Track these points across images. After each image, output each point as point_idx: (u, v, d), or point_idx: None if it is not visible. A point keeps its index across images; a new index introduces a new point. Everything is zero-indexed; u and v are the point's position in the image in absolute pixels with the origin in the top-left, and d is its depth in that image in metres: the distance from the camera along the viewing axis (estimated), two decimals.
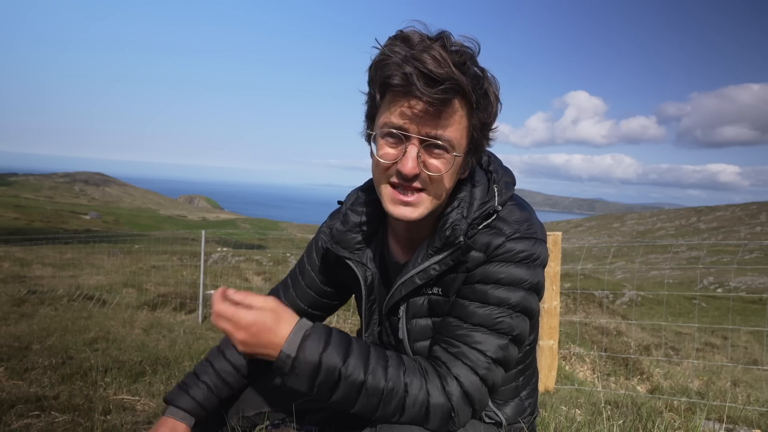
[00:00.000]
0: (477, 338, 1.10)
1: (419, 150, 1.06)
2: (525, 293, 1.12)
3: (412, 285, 1.18)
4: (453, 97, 1.02)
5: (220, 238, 20.80)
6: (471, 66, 1.04)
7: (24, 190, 77.14)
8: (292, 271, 1.50)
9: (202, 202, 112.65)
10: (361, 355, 1.07)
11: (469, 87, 1.03)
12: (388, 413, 1.06)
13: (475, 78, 1.05)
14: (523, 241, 1.12)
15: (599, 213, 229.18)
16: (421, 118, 1.03)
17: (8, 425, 1.96)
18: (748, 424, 2.60)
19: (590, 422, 1.99)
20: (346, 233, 1.30)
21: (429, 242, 1.17)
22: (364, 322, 1.36)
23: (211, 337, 4.57)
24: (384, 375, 1.05)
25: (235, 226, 62.03)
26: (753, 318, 13.51)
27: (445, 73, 0.98)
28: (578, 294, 8.27)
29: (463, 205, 1.16)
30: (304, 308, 1.45)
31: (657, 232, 57.66)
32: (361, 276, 1.29)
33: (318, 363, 1.02)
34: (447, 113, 1.04)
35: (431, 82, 0.99)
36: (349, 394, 1.05)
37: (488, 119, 1.11)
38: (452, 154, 1.07)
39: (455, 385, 1.07)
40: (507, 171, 1.24)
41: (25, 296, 6.60)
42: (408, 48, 1.00)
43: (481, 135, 1.12)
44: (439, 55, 0.98)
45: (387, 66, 1.01)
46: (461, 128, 1.08)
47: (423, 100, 1.00)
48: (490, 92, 1.09)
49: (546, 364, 3.32)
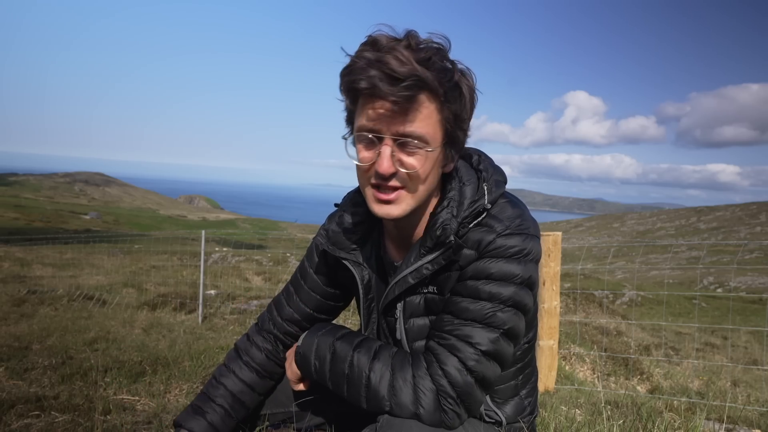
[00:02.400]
0: (467, 332, 1.12)
1: (393, 149, 1.08)
2: (517, 288, 1.13)
3: (406, 284, 1.21)
4: (418, 93, 1.04)
5: (220, 238, 20.79)
6: (437, 60, 1.06)
7: (24, 190, 77.13)
8: (293, 277, 1.51)
9: (202, 202, 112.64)
10: (349, 343, 1.20)
11: (434, 81, 1.04)
12: (364, 395, 1.15)
13: (442, 71, 1.06)
14: (514, 237, 1.13)
15: (599, 213, 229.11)
16: (390, 117, 1.05)
17: (8, 425, 1.96)
18: (748, 424, 2.60)
19: (590, 422, 2.00)
20: (341, 234, 1.32)
21: (421, 242, 1.19)
22: (362, 322, 1.38)
23: (210, 337, 4.57)
24: (353, 356, 1.17)
25: (235, 226, 62.04)
26: (753, 318, 13.51)
27: (407, 70, 1.01)
28: (578, 294, 8.27)
29: (453, 204, 1.18)
30: (309, 312, 1.45)
31: (657, 232, 57.66)
32: (358, 276, 1.31)
33: (316, 345, 1.23)
34: (414, 109, 1.05)
35: (394, 81, 1.01)
36: (336, 372, 1.19)
37: (461, 111, 1.12)
38: (425, 149, 1.09)
39: (441, 373, 1.10)
40: (497, 169, 1.25)
41: (25, 296, 6.60)
42: (374, 51, 1.03)
43: (456, 127, 1.12)
44: (401, 55, 1.01)
45: (353, 71, 1.04)
46: (432, 122, 1.09)
47: (389, 100, 1.03)
48: (462, 84, 1.10)
49: (546, 364, 3.32)
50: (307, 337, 1.28)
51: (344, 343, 1.20)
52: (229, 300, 6.72)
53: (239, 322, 5.57)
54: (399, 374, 1.11)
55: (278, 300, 1.50)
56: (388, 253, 1.32)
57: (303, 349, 1.26)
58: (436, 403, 1.09)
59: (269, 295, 7.41)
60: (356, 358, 1.16)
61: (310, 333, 1.29)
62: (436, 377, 1.10)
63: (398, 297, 1.24)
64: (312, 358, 1.23)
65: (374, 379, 1.12)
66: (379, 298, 1.32)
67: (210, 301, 6.57)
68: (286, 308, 1.47)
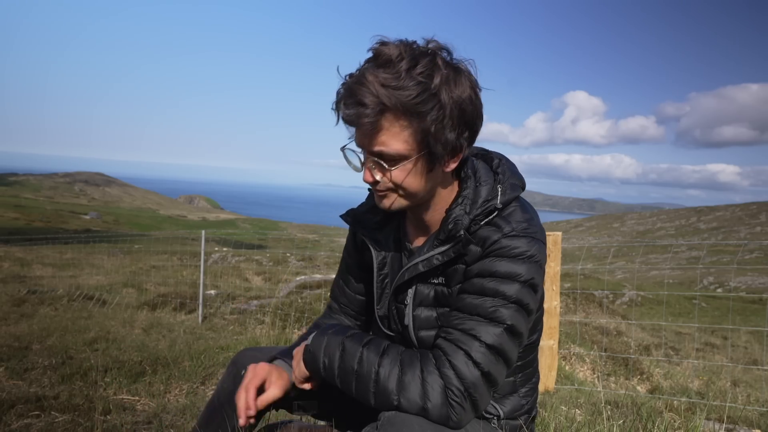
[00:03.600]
0: (472, 326, 1.16)
1: (373, 164, 1.20)
2: (520, 286, 1.17)
3: (416, 271, 1.29)
4: (380, 117, 1.12)
5: (220, 238, 20.79)
6: (410, 76, 1.10)
7: (24, 190, 77.14)
8: (339, 268, 1.60)
9: (202, 202, 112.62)
10: (358, 341, 1.23)
11: (397, 102, 1.10)
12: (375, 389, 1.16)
13: (414, 87, 1.11)
14: (519, 238, 1.18)
15: (599, 213, 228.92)
16: (366, 138, 1.17)
17: (8, 425, 1.97)
18: (748, 424, 2.60)
19: (590, 422, 2.00)
20: (366, 214, 1.44)
21: (436, 235, 1.29)
22: (376, 296, 1.44)
23: (210, 337, 4.57)
24: (362, 354, 1.19)
25: (235, 226, 62.05)
26: (753, 318, 13.52)
27: (370, 100, 1.10)
28: (578, 294, 8.27)
29: (467, 202, 1.25)
30: (361, 300, 1.54)
31: (657, 232, 57.66)
32: (374, 252, 1.40)
33: (325, 343, 1.25)
34: (382, 130, 1.14)
35: (361, 108, 1.11)
36: (345, 372, 1.20)
37: (436, 119, 1.14)
38: (402, 164, 1.17)
39: (449, 366, 1.13)
40: (516, 174, 1.32)
41: (25, 296, 6.60)
42: (352, 80, 1.13)
43: (431, 136, 1.16)
44: (368, 81, 1.10)
45: (337, 104, 1.16)
46: (405, 137, 1.15)
47: (361, 124, 1.14)
48: (441, 92, 1.13)
49: (546, 364, 3.32)
50: (317, 336, 1.31)
51: (353, 341, 1.23)
52: (229, 300, 6.72)
53: (239, 322, 5.57)
54: (408, 369, 1.15)
55: (335, 293, 1.60)
56: (408, 237, 1.41)
57: (312, 347, 1.29)
58: (444, 397, 1.11)
59: (269, 295, 7.41)
60: (365, 355, 1.19)
61: (319, 332, 1.31)
62: (443, 370, 1.13)
63: (408, 282, 1.33)
64: (321, 356, 1.26)
65: (383, 374, 1.15)
66: (393, 278, 1.40)
67: (210, 301, 6.57)
68: (342, 296, 1.58)
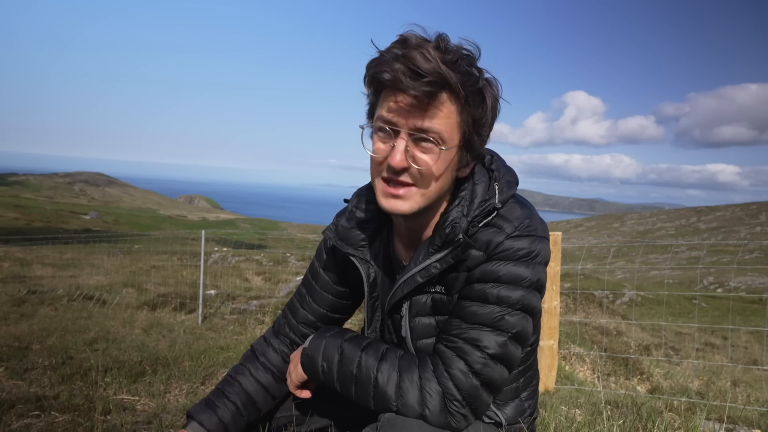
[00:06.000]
0: (475, 335, 1.11)
1: (408, 143, 1.08)
2: (525, 291, 1.13)
3: (414, 283, 1.20)
4: (439, 91, 1.05)
5: (220, 238, 20.77)
6: (463, 64, 1.07)
7: (24, 190, 77.07)
8: (304, 279, 1.50)
9: (202, 202, 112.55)
10: (357, 344, 1.21)
11: (457, 83, 1.04)
12: (376, 394, 1.14)
13: (467, 75, 1.07)
14: (522, 239, 1.13)
15: (599, 213, 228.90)
16: (409, 112, 1.06)
17: (8, 425, 1.96)
18: (748, 424, 2.60)
19: (590, 422, 2.00)
20: (351, 230, 1.32)
21: (430, 241, 1.19)
22: (366, 319, 1.37)
23: (210, 337, 4.57)
24: (362, 358, 1.17)
25: (235, 226, 62.02)
26: (753, 318, 13.51)
27: (431, 68, 1.02)
28: (578, 294, 8.27)
29: (464, 203, 1.17)
30: (324, 312, 1.44)
31: (657, 232, 57.64)
32: (364, 273, 1.31)
33: (323, 347, 1.24)
34: (434, 106, 1.06)
35: (417, 76, 1.02)
36: (343, 374, 1.19)
37: (481, 116, 1.11)
38: (440, 147, 1.08)
39: (447, 376, 1.10)
40: (509, 170, 1.25)
41: (25, 296, 6.60)
42: (402, 48, 1.04)
43: (474, 131, 1.12)
44: (428, 53, 1.02)
45: (379, 64, 1.06)
46: (451, 123, 1.09)
47: (410, 94, 1.04)
48: (486, 91, 1.11)
49: (546, 364, 3.32)
50: (314, 339, 1.28)
51: (352, 345, 1.20)
52: (229, 300, 6.72)
53: (239, 322, 5.57)
54: (406, 375, 1.12)
55: (292, 303, 1.50)
56: (397, 252, 1.32)
57: (310, 351, 1.26)
58: (442, 405, 1.09)
59: (269, 295, 7.41)
60: (364, 359, 1.16)
61: (317, 335, 1.28)
62: (442, 380, 1.10)
63: (405, 296, 1.24)
64: (320, 360, 1.23)
65: (381, 379, 1.12)
66: (385, 296, 1.32)
67: (210, 301, 6.57)
68: (300, 311, 1.46)
